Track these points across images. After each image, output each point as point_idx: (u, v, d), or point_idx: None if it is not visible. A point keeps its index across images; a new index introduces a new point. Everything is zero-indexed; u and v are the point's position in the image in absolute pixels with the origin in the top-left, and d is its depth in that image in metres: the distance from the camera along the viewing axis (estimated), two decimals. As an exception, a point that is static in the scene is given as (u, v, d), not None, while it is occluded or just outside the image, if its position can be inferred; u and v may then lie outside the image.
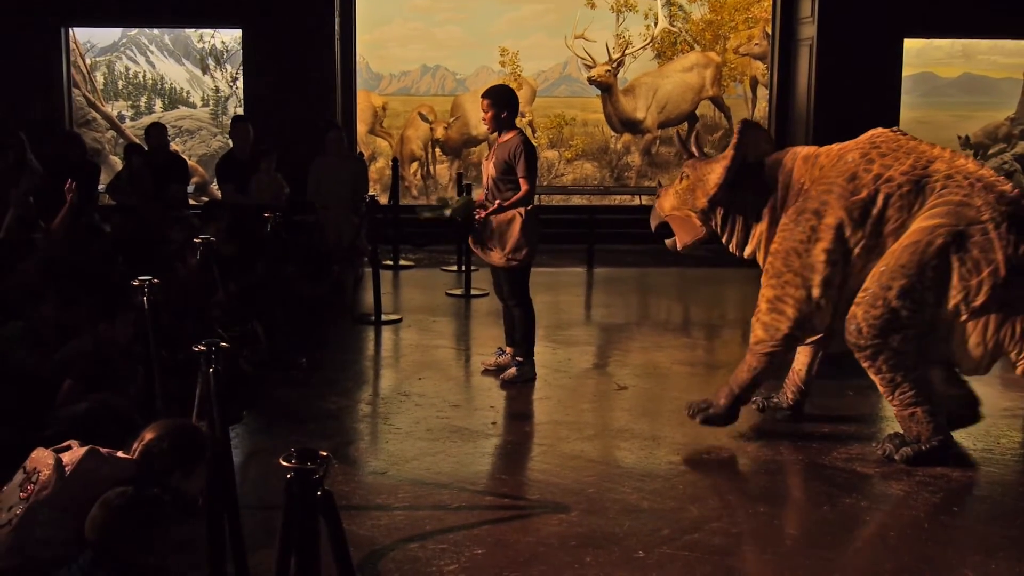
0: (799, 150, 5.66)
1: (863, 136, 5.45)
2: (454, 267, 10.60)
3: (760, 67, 13.37)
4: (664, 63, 13.43)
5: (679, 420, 5.93)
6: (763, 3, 13.26)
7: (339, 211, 9.62)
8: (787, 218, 5.42)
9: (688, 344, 8.00)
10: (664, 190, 6.08)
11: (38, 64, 11.61)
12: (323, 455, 2.91)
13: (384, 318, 8.39)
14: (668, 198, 5.98)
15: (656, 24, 13.36)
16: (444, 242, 11.04)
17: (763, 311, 5.44)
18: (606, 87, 13.25)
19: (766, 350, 5.46)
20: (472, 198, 6.95)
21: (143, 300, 4.89)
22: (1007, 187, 5.10)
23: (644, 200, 12.74)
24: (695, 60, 13.47)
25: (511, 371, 6.72)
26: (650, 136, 13.42)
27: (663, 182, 6.10)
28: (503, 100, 6.53)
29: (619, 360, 7.56)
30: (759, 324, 5.47)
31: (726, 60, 13.46)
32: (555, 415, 6.16)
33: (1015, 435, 5.86)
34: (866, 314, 5.12)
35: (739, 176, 5.59)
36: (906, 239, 5.10)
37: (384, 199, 11.72)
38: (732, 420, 5.64)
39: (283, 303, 7.60)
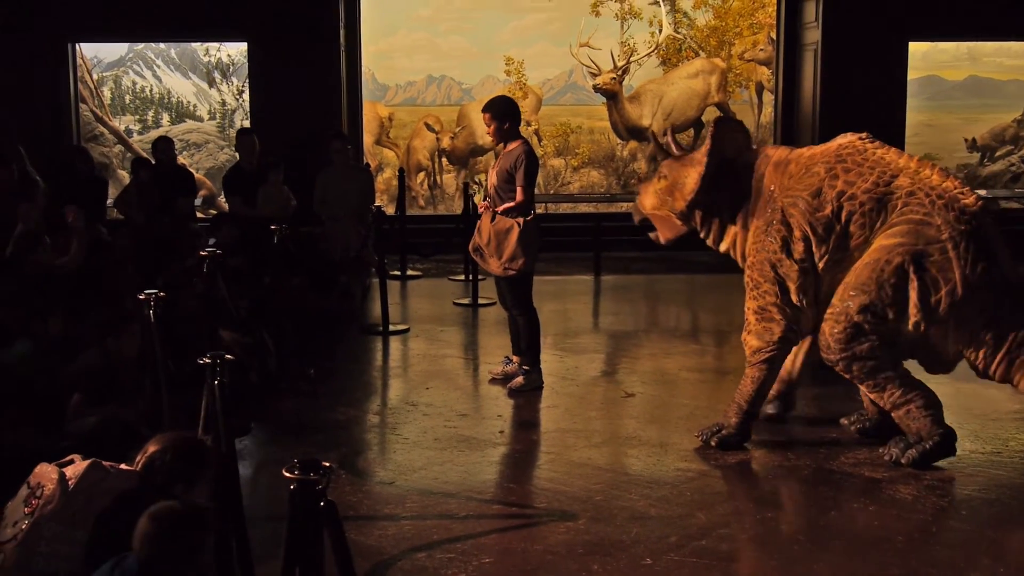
0: (771, 153, 5.72)
1: (831, 145, 5.52)
2: (461, 277, 10.61)
3: (765, 72, 13.37)
4: (669, 70, 13.43)
5: (687, 427, 5.94)
6: (767, 8, 13.26)
7: (346, 222, 9.65)
8: (759, 228, 5.55)
9: (697, 351, 7.99)
10: (644, 186, 6.20)
11: (45, 80, 11.66)
12: (326, 466, 2.93)
13: (392, 328, 8.41)
14: (648, 196, 6.12)
15: (661, 31, 13.37)
16: (451, 252, 11.05)
17: (752, 323, 5.58)
18: (611, 95, 13.25)
19: (765, 357, 5.54)
20: None
21: (150, 314, 4.93)
22: (970, 200, 5.18)
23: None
24: (700, 66, 13.47)
25: (518, 380, 6.73)
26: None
27: (641, 178, 6.25)
28: (504, 111, 6.57)
29: (627, 367, 7.56)
30: (752, 335, 5.57)
31: (731, 66, 13.46)
32: (563, 423, 6.16)
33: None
34: (832, 330, 5.29)
35: (716, 175, 5.67)
36: (867, 257, 5.25)
37: (391, 209, 11.75)
38: (747, 437, 5.66)
39: (291, 314, 7.62)
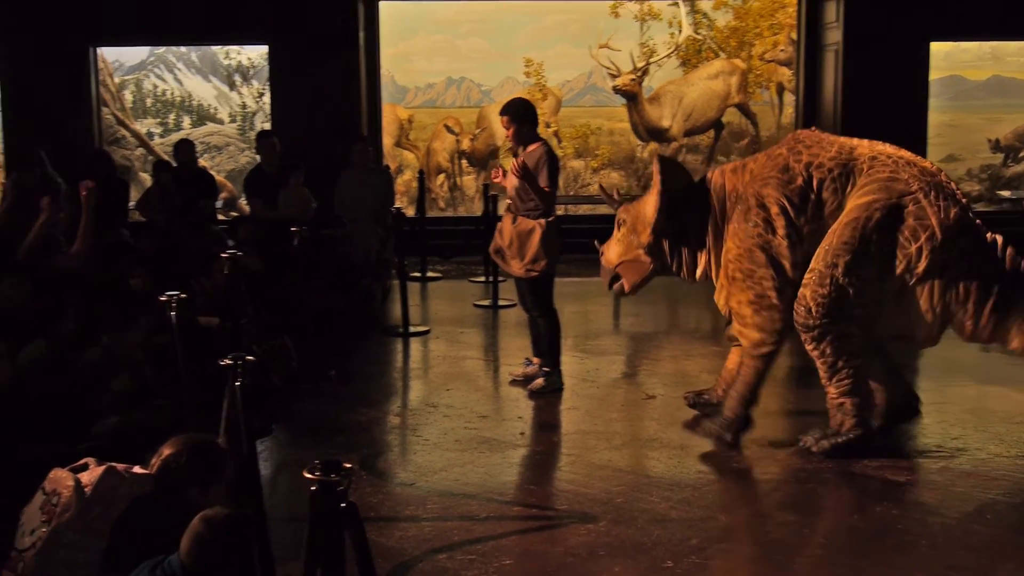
0: (725, 166, 5.89)
1: (786, 138, 5.77)
2: (481, 278, 10.60)
3: (786, 73, 13.31)
4: (689, 71, 13.39)
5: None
6: (788, 9, 13.19)
7: (366, 224, 9.66)
8: (735, 224, 5.58)
9: (717, 352, 7.94)
10: (605, 245, 6.21)
11: (67, 84, 11.73)
12: (347, 467, 2.92)
13: (412, 330, 8.42)
14: (612, 248, 6.14)
15: (680, 32, 13.33)
16: (471, 254, 11.05)
17: (749, 315, 5.52)
18: (631, 96, 13.23)
19: (767, 350, 5.55)
20: None
21: (171, 315, 4.94)
22: (927, 164, 5.46)
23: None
24: (720, 67, 13.42)
25: (538, 381, 6.72)
26: (676, 144, 13.38)
27: (597, 243, 6.26)
28: (521, 114, 6.59)
29: (648, 369, 7.54)
30: (752, 328, 5.53)
31: (751, 67, 13.41)
32: (583, 425, 6.15)
33: (1049, 440, 5.80)
34: (814, 293, 5.28)
35: (672, 205, 5.73)
36: (844, 218, 5.34)
37: (411, 211, 11.76)
38: (751, 422, 5.70)
39: (312, 316, 7.64)
